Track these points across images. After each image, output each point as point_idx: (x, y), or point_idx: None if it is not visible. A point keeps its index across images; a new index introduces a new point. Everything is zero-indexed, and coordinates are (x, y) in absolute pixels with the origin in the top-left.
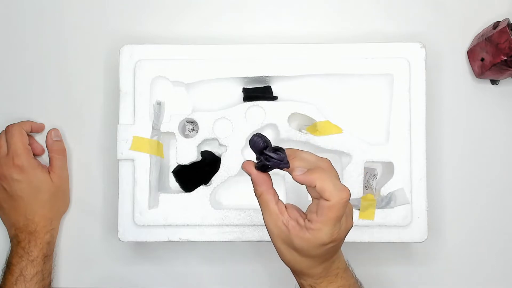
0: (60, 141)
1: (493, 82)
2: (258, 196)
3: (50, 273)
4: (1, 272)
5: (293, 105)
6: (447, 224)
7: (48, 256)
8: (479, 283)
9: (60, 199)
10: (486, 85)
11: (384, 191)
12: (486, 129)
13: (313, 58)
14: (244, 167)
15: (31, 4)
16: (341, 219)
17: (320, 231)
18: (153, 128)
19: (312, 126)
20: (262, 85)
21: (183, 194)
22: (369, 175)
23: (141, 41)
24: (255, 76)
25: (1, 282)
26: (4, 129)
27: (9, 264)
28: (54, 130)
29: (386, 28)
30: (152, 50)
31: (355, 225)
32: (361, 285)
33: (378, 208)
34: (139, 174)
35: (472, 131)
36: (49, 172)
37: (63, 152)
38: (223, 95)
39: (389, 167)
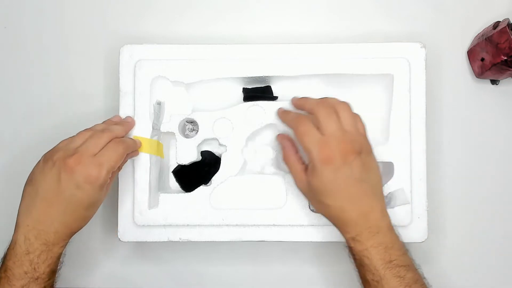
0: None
1: (493, 82)
2: (285, 160)
3: (51, 286)
4: None
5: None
6: (447, 224)
7: (54, 272)
8: (479, 283)
9: (93, 212)
10: (486, 85)
11: (384, 191)
12: (486, 129)
13: (313, 58)
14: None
15: (31, 4)
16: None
17: (310, 161)
18: (153, 128)
19: None
20: (262, 85)
21: (183, 194)
22: None
23: (141, 41)
24: (255, 76)
25: None
26: (102, 130)
27: (7, 271)
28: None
29: (386, 28)
30: (152, 50)
31: None
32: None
33: None
34: (139, 174)
35: (472, 131)
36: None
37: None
38: (223, 95)
39: (389, 167)
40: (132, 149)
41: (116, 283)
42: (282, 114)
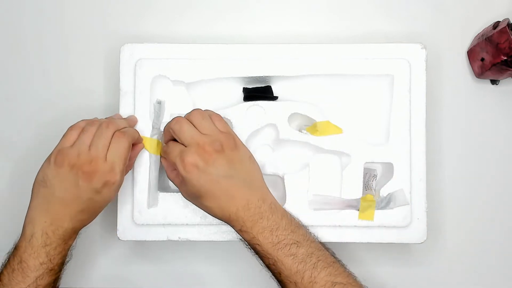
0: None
1: (493, 82)
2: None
3: (59, 279)
4: (4, 262)
5: (293, 105)
6: (447, 225)
7: (64, 263)
8: (479, 284)
9: (102, 209)
10: (486, 85)
11: (384, 192)
12: (486, 129)
13: (314, 58)
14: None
15: (32, 4)
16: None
17: (180, 174)
18: (153, 127)
19: (312, 126)
20: (263, 85)
21: None
22: (369, 175)
23: (141, 40)
24: (255, 76)
25: (7, 278)
26: (107, 125)
27: (22, 263)
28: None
29: (386, 28)
30: (153, 49)
31: (355, 226)
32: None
33: (378, 209)
34: (139, 173)
35: (472, 131)
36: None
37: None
38: (223, 95)
39: (388, 168)
40: (135, 139)
41: (115, 282)
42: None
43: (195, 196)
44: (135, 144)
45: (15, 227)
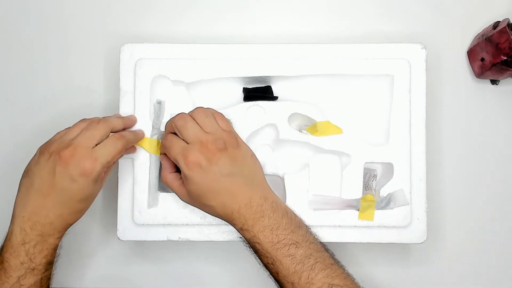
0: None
1: (493, 82)
2: (163, 181)
3: (48, 279)
4: None
5: (293, 105)
6: (447, 225)
7: (50, 264)
8: (479, 284)
9: (88, 205)
10: (486, 85)
11: (384, 192)
12: (486, 129)
13: (314, 58)
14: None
15: (32, 4)
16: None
17: (181, 171)
18: (153, 127)
19: (312, 127)
20: (263, 85)
21: None
22: (369, 175)
23: (141, 40)
24: (255, 76)
25: None
26: (98, 121)
27: (4, 262)
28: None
29: (386, 28)
30: (153, 49)
31: (355, 226)
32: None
33: (378, 209)
34: (139, 173)
35: (472, 131)
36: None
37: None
38: (224, 95)
39: (388, 168)
40: (132, 143)
41: (115, 282)
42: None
43: (196, 196)
44: (127, 150)
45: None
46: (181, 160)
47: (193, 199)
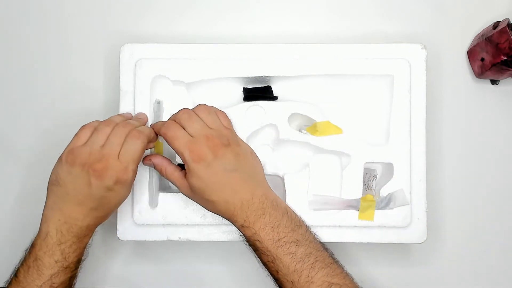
0: None
1: (493, 82)
2: (163, 175)
3: (75, 277)
4: (20, 259)
5: (293, 105)
6: (447, 225)
7: (80, 261)
8: (479, 284)
9: (118, 206)
10: (486, 85)
11: (384, 192)
12: (486, 129)
13: (314, 58)
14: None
15: (32, 4)
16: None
17: (185, 163)
18: None
19: (312, 127)
20: (263, 85)
21: None
22: (369, 175)
23: (141, 40)
24: (255, 76)
25: (22, 275)
26: (124, 125)
27: (37, 260)
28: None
29: (386, 28)
30: (153, 49)
31: (355, 226)
32: (312, 232)
33: (378, 209)
34: (139, 173)
35: (472, 131)
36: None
37: None
38: (223, 95)
39: (388, 168)
40: (150, 138)
41: (115, 282)
42: (155, 126)
43: (199, 189)
44: (148, 145)
45: (27, 225)
46: (187, 152)
47: (195, 193)
